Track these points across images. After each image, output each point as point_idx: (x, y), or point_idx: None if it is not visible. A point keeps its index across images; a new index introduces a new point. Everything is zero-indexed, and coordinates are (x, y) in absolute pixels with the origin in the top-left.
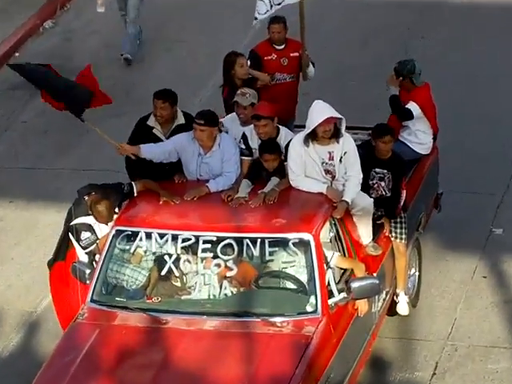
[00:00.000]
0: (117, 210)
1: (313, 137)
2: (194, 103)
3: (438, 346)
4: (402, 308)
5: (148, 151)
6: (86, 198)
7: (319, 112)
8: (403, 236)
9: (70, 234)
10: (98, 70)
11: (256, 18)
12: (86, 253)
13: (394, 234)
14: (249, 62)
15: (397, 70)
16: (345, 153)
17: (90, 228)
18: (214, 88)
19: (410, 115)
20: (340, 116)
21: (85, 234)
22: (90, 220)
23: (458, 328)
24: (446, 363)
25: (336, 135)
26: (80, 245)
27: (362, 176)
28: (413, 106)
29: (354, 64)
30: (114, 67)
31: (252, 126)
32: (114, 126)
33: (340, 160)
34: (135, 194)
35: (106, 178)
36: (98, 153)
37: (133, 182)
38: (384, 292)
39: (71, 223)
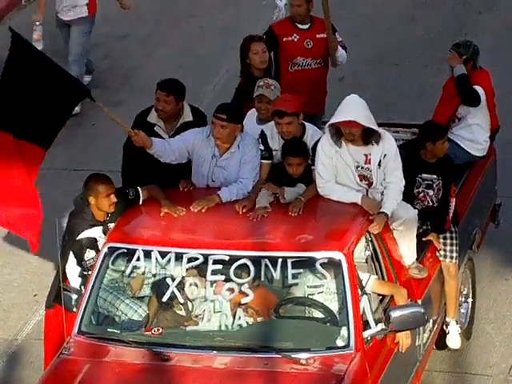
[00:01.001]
0: None
1: (339, 135)
2: (205, 92)
3: (498, 381)
4: (453, 340)
5: (159, 146)
6: (87, 203)
7: (345, 110)
8: (454, 255)
9: (72, 251)
10: (91, 49)
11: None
12: (80, 275)
13: (442, 253)
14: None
15: (459, 52)
16: (384, 155)
17: (94, 245)
18: (230, 74)
19: (478, 99)
20: (366, 125)
21: (89, 253)
22: (95, 233)
23: None
24: None
25: (366, 141)
26: (83, 265)
27: (404, 183)
28: (480, 90)
29: (398, 43)
30: (110, 46)
31: (271, 123)
32: (107, 115)
33: (379, 164)
34: (140, 202)
35: None
36: (92, 149)
37: (139, 188)
38: (431, 321)
39: (77, 237)
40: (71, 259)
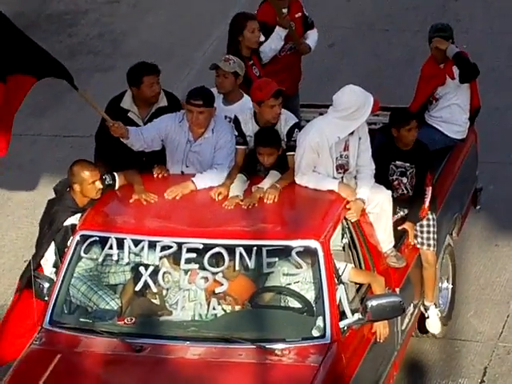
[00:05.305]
0: None
1: None
2: (195, 58)
3: (488, 347)
4: (433, 324)
5: (134, 136)
6: (68, 189)
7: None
8: (431, 242)
9: (54, 238)
10: (80, 15)
11: None
12: (54, 265)
13: (420, 240)
14: None
15: (444, 37)
16: (359, 139)
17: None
18: (220, 40)
19: (478, 71)
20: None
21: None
22: (77, 219)
23: (511, 327)
24: (497, 368)
25: None
26: (64, 253)
27: (374, 166)
28: None
29: (388, 9)
30: (101, 12)
31: (239, 106)
32: (98, 81)
33: (357, 148)
34: (117, 187)
35: (92, 144)
36: (82, 115)
37: (115, 173)
38: (411, 305)
39: (63, 225)
40: (50, 246)
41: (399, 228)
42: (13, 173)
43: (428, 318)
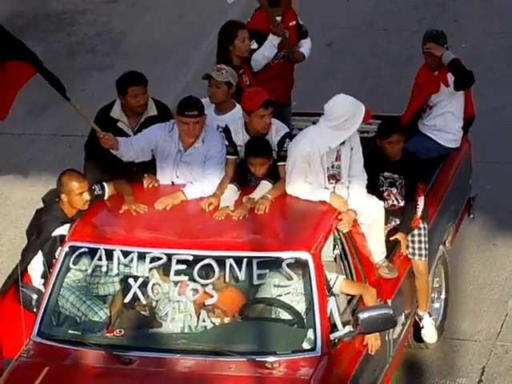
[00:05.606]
0: None
1: None
2: (194, 58)
3: (486, 347)
4: (429, 334)
5: (124, 147)
6: (57, 199)
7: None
8: (423, 252)
9: (42, 248)
10: (78, 15)
11: None
12: (43, 276)
13: (411, 251)
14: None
15: (439, 43)
16: (351, 149)
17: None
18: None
19: (473, 78)
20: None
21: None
22: (66, 230)
23: (509, 326)
24: (495, 368)
25: None
26: (52, 263)
27: (366, 176)
28: None
29: (386, 8)
30: (98, 11)
31: (231, 116)
32: (97, 80)
33: (349, 158)
34: (106, 197)
35: None
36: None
37: (105, 183)
38: (403, 315)
39: (51, 235)
40: (38, 256)
41: (391, 239)
42: (11, 172)
43: (423, 327)
